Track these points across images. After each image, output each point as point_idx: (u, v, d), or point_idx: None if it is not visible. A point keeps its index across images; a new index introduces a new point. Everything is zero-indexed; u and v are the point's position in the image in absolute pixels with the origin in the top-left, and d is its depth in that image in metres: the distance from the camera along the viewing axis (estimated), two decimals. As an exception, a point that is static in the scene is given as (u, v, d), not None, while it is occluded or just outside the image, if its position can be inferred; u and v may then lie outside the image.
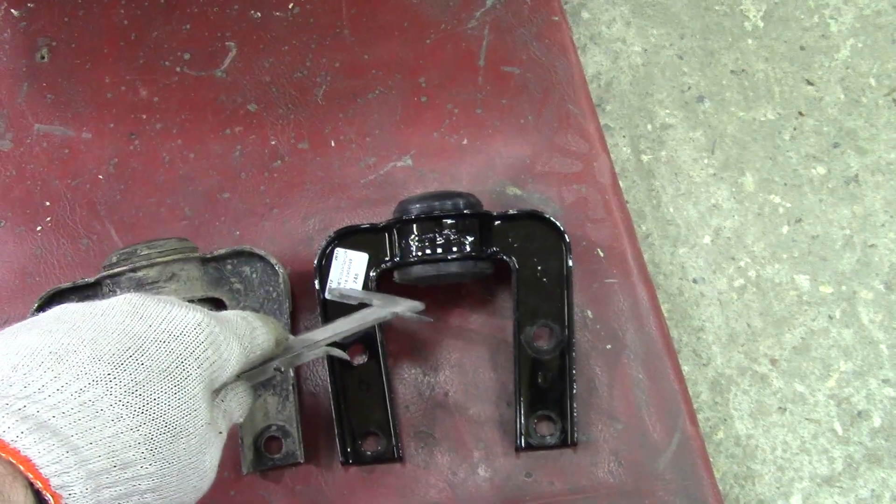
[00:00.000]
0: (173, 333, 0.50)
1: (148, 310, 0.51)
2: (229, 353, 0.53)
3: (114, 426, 0.45)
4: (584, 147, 0.85)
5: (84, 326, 0.48)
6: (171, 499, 0.48)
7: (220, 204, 0.85)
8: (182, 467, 0.48)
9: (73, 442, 0.43)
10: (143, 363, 0.48)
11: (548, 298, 0.76)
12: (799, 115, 0.92)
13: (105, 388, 0.45)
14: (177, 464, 0.47)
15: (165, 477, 0.47)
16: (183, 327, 0.51)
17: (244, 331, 0.56)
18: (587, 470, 0.75)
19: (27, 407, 0.42)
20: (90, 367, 0.46)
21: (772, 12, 0.97)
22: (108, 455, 0.44)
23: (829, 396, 0.82)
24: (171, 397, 0.48)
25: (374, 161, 0.86)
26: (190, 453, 0.49)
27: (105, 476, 0.43)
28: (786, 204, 0.89)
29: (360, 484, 0.76)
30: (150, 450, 0.46)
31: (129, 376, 0.47)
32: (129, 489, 0.45)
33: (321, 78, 0.90)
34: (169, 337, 0.50)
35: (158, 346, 0.49)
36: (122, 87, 0.90)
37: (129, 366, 0.47)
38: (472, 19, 0.92)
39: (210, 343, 0.51)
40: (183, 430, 0.48)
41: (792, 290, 0.86)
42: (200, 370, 0.50)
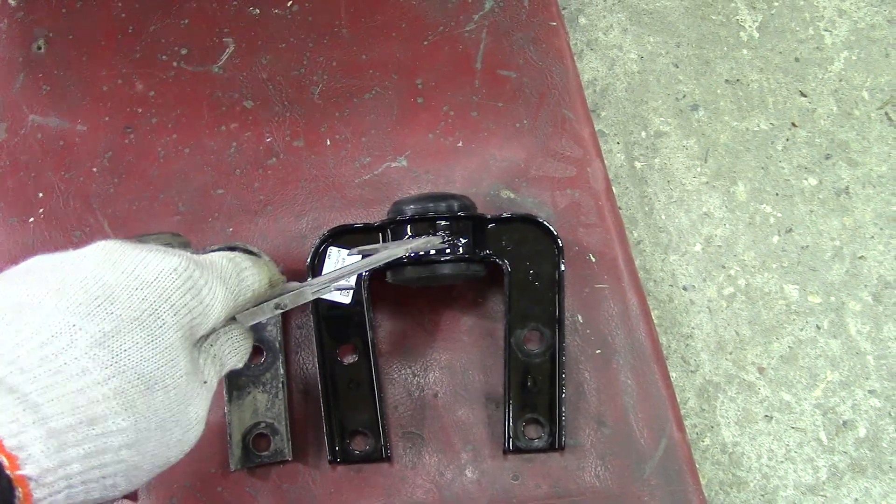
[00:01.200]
0: (146, 280, 0.47)
1: (121, 256, 0.48)
2: (212, 297, 0.50)
3: (79, 380, 0.42)
4: (578, 152, 0.86)
5: (52, 277, 0.46)
6: (152, 454, 0.46)
7: (214, 200, 0.85)
8: (161, 421, 0.46)
9: (31, 399, 0.40)
10: (112, 312, 0.45)
11: (539, 302, 0.77)
12: (792, 125, 0.93)
13: (69, 340, 0.43)
14: (154, 417, 0.45)
15: (143, 432, 0.45)
16: (157, 273, 0.48)
17: (230, 273, 0.53)
18: (574, 474, 0.76)
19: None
20: (53, 318, 0.43)
21: (767, 23, 0.98)
22: (71, 411, 0.42)
23: (815, 406, 0.83)
24: (143, 348, 0.45)
25: (368, 161, 0.86)
26: (169, 406, 0.46)
27: (70, 433, 0.41)
28: (777, 214, 0.89)
29: (347, 483, 0.76)
30: (122, 404, 0.44)
31: (96, 327, 0.44)
32: (100, 446, 0.42)
33: (318, 76, 0.90)
34: (141, 284, 0.47)
35: (130, 294, 0.46)
36: (119, 80, 0.90)
37: (97, 315, 0.45)
38: (471, 22, 0.92)
39: (188, 289, 0.49)
40: (159, 381, 0.46)
41: (781, 300, 0.86)
42: (177, 318, 0.48)
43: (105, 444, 0.43)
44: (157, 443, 0.46)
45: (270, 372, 0.77)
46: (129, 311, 0.46)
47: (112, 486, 0.44)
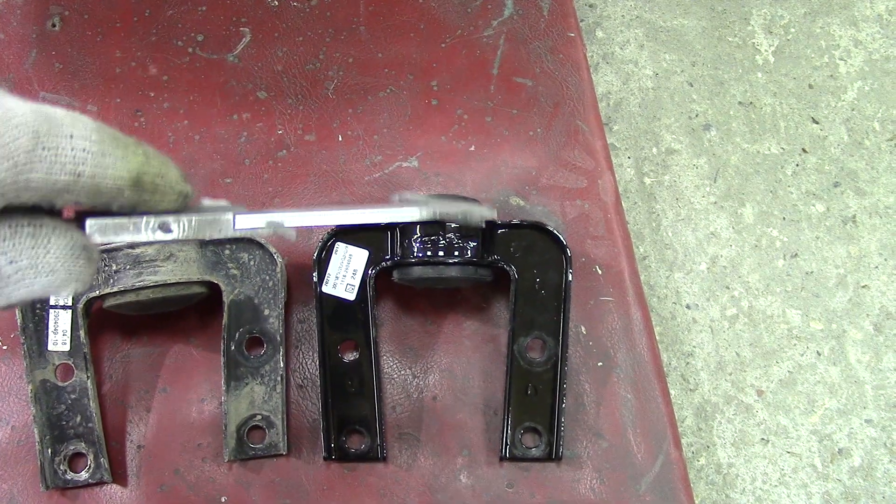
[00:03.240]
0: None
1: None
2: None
3: None
4: (590, 164, 0.86)
5: None
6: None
7: (222, 189, 0.84)
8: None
9: None
10: None
11: (544, 311, 0.76)
12: (802, 151, 0.93)
13: None
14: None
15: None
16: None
17: (31, 128, 0.37)
18: (569, 485, 0.75)
19: None
20: None
21: (783, 48, 0.98)
22: None
23: (811, 432, 0.83)
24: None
25: (380, 159, 0.86)
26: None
27: None
28: (783, 238, 0.89)
29: (340, 481, 0.75)
30: None
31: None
32: None
33: (333, 72, 0.89)
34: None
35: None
36: (132, 62, 0.89)
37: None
38: (489, 28, 0.92)
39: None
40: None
41: (783, 324, 0.86)
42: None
43: None
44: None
45: (270, 364, 0.76)
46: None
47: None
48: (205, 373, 0.78)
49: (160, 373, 0.78)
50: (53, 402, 0.74)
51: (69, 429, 0.74)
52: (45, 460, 0.73)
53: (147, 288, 0.72)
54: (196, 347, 0.79)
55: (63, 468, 0.73)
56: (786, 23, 0.99)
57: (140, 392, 0.77)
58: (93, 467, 0.74)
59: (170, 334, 0.79)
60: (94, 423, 0.73)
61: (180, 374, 0.78)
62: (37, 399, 0.73)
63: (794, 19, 1.00)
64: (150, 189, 0.42)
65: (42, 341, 0.74)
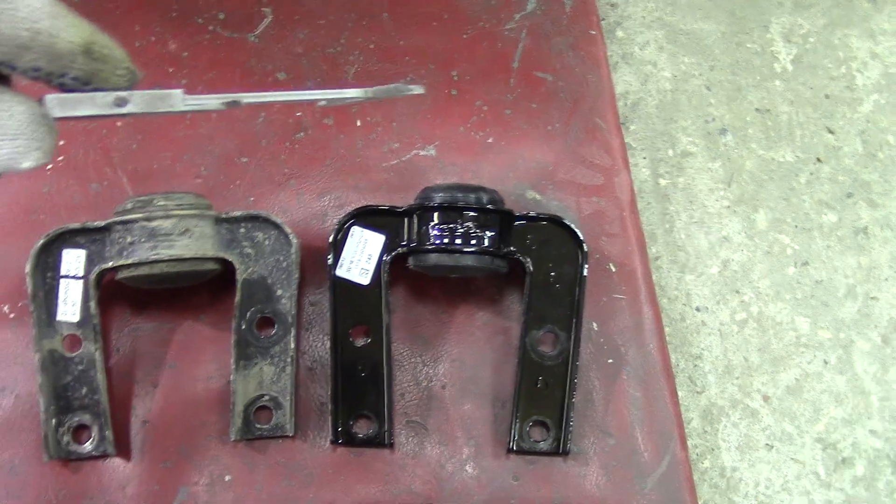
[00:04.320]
0: None
1: None
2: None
3: None
4: (607, 161, 0.86)
5: None
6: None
7: (238, 168, 0.84)
8: None
9: None
10: None
11: (558, 305, 0.76)
12: (817, 160, 0.93)
13: None
14: None
15: None
16: None
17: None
18: (575, 480, 0.75)
19: None
20: None
21: (801, 57, 0.98)
22: None
23: (816, 440, 0.83)
24: None
25: (397, 146, 0.85)
26: None
27: None
28: (794, 246, 0.89)
29: (346, 465, 0.75)
30: None
31: None
32: None
33: (354, 57, 0.89)
34: None
35: None
36: (152, 37, 0.89)
37: None
38: (511, 21, 0.92)
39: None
40: None
41: (791, 331, 0.86)
42: None
43: None
44: None
45: (280, 345, 0.76)
46: None
47: None
48: (214, 351, 0.77)
49: (169, 348, 0.77)
50: (60, 373, 0.73)
51: (75, 400, 0.73)
52: (49, 430, 0.72)
53: (162, 261, 0.71)
54: (206, 325, 0.78)
55: (67, 439, 0.73)
56: (805, 32, 1.00)
57: (148, 367, 0.77)
58: (97, 440, 0.73)
59: (180, 310, 0.78)
60: (100, 396, 0.73)
61: (189, 350, 0.77)
62: (44, 368, 0.72)
63: (814, 29, 1.00)
64: (101, 59, 0.45)
65: (51, 311, 0.74)
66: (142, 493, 0.73)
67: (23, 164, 0.42)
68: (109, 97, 0.46)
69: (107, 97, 0.46)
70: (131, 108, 0.47)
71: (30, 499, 0.72)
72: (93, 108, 0.46)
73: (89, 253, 0.74)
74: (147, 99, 0.47)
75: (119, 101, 0.47)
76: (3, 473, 0.73)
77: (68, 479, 0.73)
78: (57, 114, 0.45)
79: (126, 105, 0.47)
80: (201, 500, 0.73)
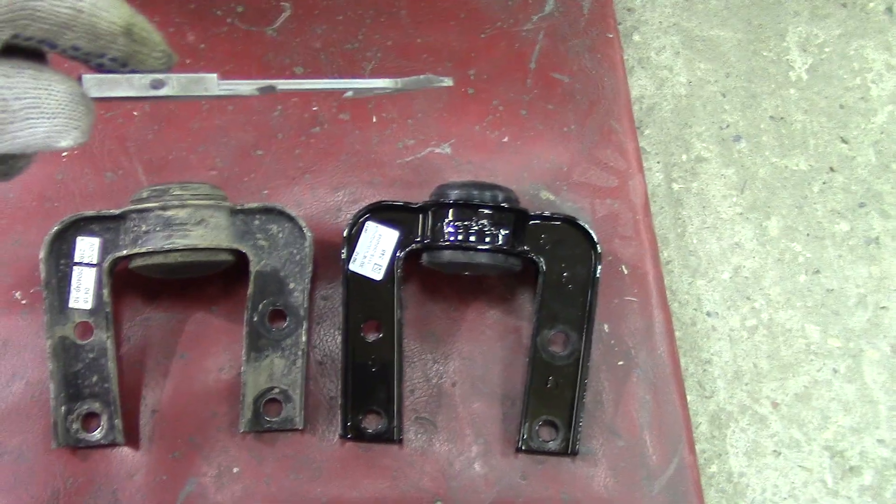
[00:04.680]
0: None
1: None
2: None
3: None
4: (621, 164, 0.86)
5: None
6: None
7: (253, 160, 0.84)
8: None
9: None
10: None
11: (570, 305, 0.76)
12: (830, 170, 0.93)
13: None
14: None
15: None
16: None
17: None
18: (583, 481, 0.75)
19: None
20: None
21: (817, 67, 0.98)
22: None
23: (823, 447, 0.83)
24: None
25: (412, 143, 0.85)
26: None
27: None
28: (806, 254, 0.89)
29: (354, 460, 0.75)
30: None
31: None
32: None
33: (371, 53, 0.89)
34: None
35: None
36: (171, 28, 0.89)
37: None
38: (529, 22, 0.92)
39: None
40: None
41: (801, 339, 0.86)
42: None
43: None
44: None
45: (291, 339, 0.76)
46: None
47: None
48: (225, 342, 0.77)
49: (180, 339, 0.77)
50: (71, 360, 0.73)
51: (85, 388, 0.73)
52: (59, 417, 0.72)
53: (176, 251, 0.71)
54: (218, 316, 0.78)
55: (76, 427, 0.73)
56: (821, 42, 1.00)
57: (158, 356, 0.77)
58: (106, 428, 0.73)
59: (192, 301, 0.78)
60: (110, 384, 0.73)
61: (200, 341, 0.77)
62: (55, 355, 0.72)
63: (829, 39, 1.00)
64: (140, 40, 0.45)
65: (64, 298, 0.74)
66: (150, 483, 0.73)
67: (61, 142, 0.42)
68: (146, 79, 0.46)
69: (143, 79, 0.46)
70: (167, 91, 0.47)
71: (37, 485, 0.72)
72: (130, 89, 0.46)
73: (103, 241, 0.74)
74: (183, 82, 0.47)
75: (155, 84, 0.47)
76: (12, 459, 0.73)
77: (76, 466, 0.73)
78: (94, 94, 0.45)
79: (162, 87, 0.47)
80: (209, 491, 0.73)
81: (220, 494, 0.73)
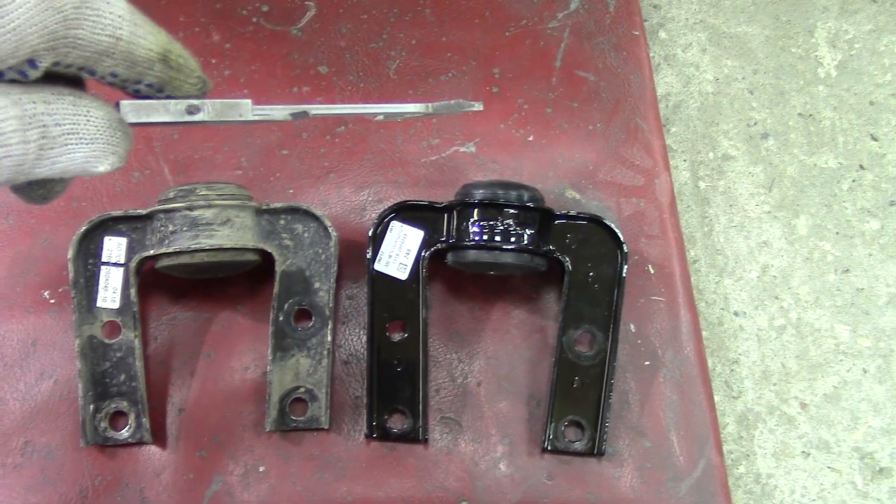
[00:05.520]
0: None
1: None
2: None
3: None
4: (648, 163, 0.85)
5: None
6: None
7: (278, 160, 0.84)
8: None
9: None
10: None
11: (596, 305, 0.76)
12: (860, 167, 0.92)
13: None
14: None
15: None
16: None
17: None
18: (609, 482, 0.74)
19: None
20: None
21: (846, 63, 0.97)
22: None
23: (853, 448, 0.82)
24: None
25: (437, 142, 0.85)
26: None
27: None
28: (835, 252, 0.88)
29: (379, 460, 0.75)
30: None
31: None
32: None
33: (396, 52, 0.89)
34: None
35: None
36: (196, 27, 0.89)
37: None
38: (554, 20, 0.91)
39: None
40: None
41: (830, 338, 0.85)
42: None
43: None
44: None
45: (317, 338, 0.76)
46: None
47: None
48: (250, 341, 0.77)
49: (206, 338, 0.78)
50: (99, 359, 0.74)
51: (112, 386, 0.73)
52: (87, 416, 0.72)
53: (202, 251, 0.72)
54: (243, 316, 0.78)
55: (104, 425, 0.73)
56: (850, 38, 0.99)
57: (185, 356, 0.77)
58: (133, 427, 0.73)
59: (218, 300, 0.79)
60: (137, 383, 0.73)
61: (226, 340, 0.78)
62: (83, 354, 0.73)
63: (859, 35, 0.99)
64: (176, 67, 0.46)
65: (92, 297, 0.74)
66: (176, 482, 0.73)
67: (98, 167, 0.43)
68: (182, 105, 0.47)
69: (179, 105, 0.47)
70: (202, 117, 0.48)
71: (66, 483, 0.73)
72: (166, 115, 0.47)
73: (130, 241, 0.75)
74: (218, 108, 0.48)
75: (191, 109, 0.47)
76: (41, 457, 0.74)
77: (104, 464, 0.74)
78: (131, 119, 0.46)
79: (198, 113, 0.48)
80: (235, 489, 0.73)
81: (246, 493, 0.73)
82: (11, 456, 0.73)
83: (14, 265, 0.79)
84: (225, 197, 0.73)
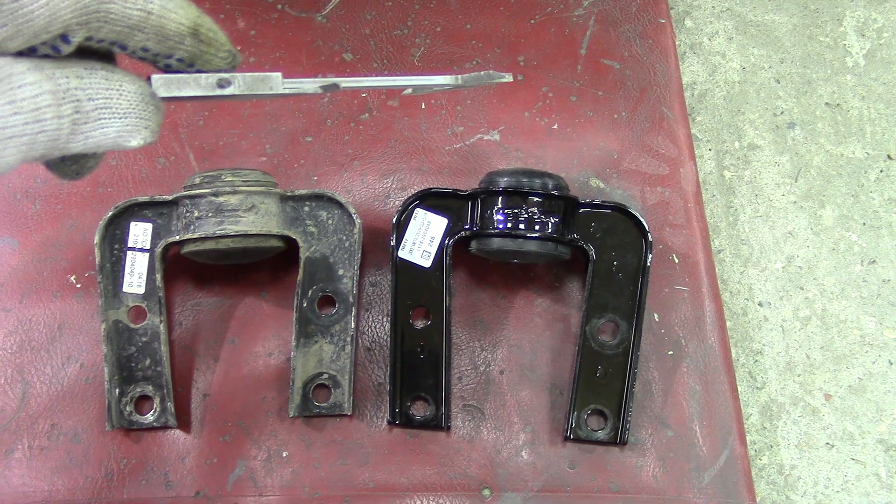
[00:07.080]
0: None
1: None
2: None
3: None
4: (673, 152, 0.84)
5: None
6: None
7: (302, 147, 0.84)
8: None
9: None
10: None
11: (620, 294, 0.76)
12: (888, 158, 0.91)
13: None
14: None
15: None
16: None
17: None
18: (631, 471, 0.74)
19: None
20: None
21: (875, 52, 0.96)
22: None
23: (878, 441, 0.81)
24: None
25: (461, 130, 0.85)
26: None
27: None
28: (862, 244, 0.88)
29: (402, 446, 0.75)
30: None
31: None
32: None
33: (420, 39, 0.89)
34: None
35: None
36: (221, 14, 0.89)
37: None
38: (580, 7, 0.91)
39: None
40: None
41: (856, 330, 0.85)
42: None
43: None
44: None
45: (340, 325, 0.76)
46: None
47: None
48: (274, 327, 0.78)
49: (230, 324, 0.78)
50: (124, 344, 0.74)
51: (138, 371, 0.74)
52: (113, 400, 0.73)
53: (228, 237, 0.72)
54: (267, 301, 0.79)
55: (129, 409, 0.74)
56: (879, 27, 0.97)
57: (209, 341, 0.78)
58: (158, 411, 0.74)
59: (242, 286, 0.79)
60: (162, 368, 0.74)
61: (250, 326, 0.78)
62: (109, 339, 0.74)
63: (888, 24, 0.98)
64: (206, 41, 0.46)
65: (118, 282, 0.75)
66: (200, 466, 0.74)
67: (131, 142, 0.43)
68: (212, 79, 0.47)
69: (210, 79, 0.47)
70: (233, 90, 0.47)
71: (92, 466, 0.74)
72: (197, 89, 0.47)
73: (156, 226, 0.75)
74: (248, 81, 0.48)
75: (222, 83, 0.47)
76: (67, 440, 0.74)
77: (129, 448, 0.74)
78: (163, 94, 0.46)
79: (228, 87, 0.47)
80: (258, 474, 0.74)
81: (269, 478, 0.73)
82: (38, 439, 0.74)
83: (41, 250, 0.80)
84: (250, 183, 0.73)
